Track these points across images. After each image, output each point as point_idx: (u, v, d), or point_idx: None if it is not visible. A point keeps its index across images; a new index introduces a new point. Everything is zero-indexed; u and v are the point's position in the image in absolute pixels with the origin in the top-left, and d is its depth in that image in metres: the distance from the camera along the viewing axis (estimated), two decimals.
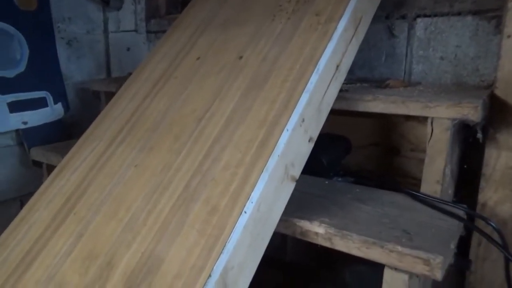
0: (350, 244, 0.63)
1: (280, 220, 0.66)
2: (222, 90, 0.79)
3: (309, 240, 0.67)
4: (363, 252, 0.62)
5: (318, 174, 0.89)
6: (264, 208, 0.62)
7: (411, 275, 0.59)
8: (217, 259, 0.55)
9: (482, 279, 0.86)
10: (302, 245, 1.25)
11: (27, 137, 1.30)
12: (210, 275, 0.53)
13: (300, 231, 0.68)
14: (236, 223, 0.57)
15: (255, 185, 0.60)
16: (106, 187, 0.75)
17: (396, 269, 0.60)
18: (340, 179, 0.91)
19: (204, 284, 0.53)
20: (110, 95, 1.17)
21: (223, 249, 0.55)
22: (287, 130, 0.66)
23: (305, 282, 1.19)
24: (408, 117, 0.91)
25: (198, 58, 0.91)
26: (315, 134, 0.74)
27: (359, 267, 1.17)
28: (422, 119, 0.87)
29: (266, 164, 0.62)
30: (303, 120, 0.69)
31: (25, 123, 1.30)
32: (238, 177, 0.63)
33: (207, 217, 0.60)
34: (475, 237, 0.86)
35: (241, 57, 0.84)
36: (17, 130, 1.29)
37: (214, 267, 0.54)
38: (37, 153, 1.22)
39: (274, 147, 0.64)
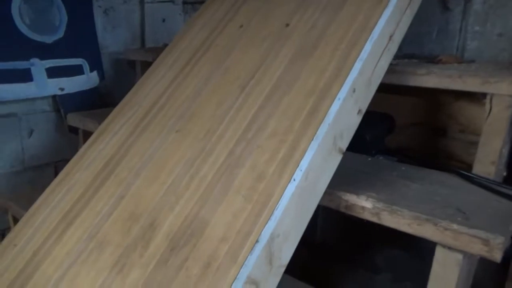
0: (400, 220, 0.60)
1: (325, 192, 0.64)
2: (267, 58, 0.76)
3: (355, 214, 0.65)
4: (413, 229, 0.59)
5: (360, 151, 0.86)
6: (312, 177, 0.59)
7: (466, 255, 0.56)
8: (265, 225, 0.53)
9: None
10: (332, 226, 1.23)
11: (63, 103, 1.31)
12: (257, 241, 0.52)
13: (346, 204, 0.66)
14: (284, 190, 0.55)
15: (305, 153, 0.58)
16: (146, 151, 0.75)
17: (450, 248, 0.57)
18: (382, 157, 0.88)
19: (251, 249, 0.51)
20: (146, 65, 1.16)
21: (271, 215, 0.54)
22: (339, 99, 0.63)
23: (334, 263, 1.17)
24: (459, 96, 0.87)
25: (241, 26, 0.88)
26: (364, 107, 0.70)
27: (392, 251, 1.14)
28: (475, 98, 0.82)
29: (316, 133, 0.60)
30: (354, 91, 0.66)
31: (62, 89, 1.31)
32: (286, 144, 0.61)
33: (253, 184, 0.58)
34: None
35: (287, 25, 0.80)
36: (54, 96, 1.31)
37: (262, 233, 0.53)
38: (73, 119, 1.23)
39: (325, 116, 0.61)
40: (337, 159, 0.65)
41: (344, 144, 0.66)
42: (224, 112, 0.72)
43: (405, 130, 0.95)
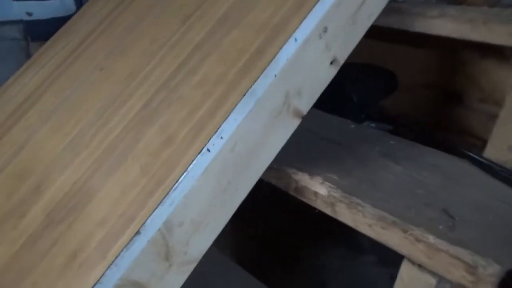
0: (359, 218, 0.43)
1: (270, 167, 0.47)
2: None
3: (305, 200, 0.49)
4: (375, 232, 0.42)
5: (345, 114, 0.67)
6: (243, 149, 0.43)
7: (442, 280, 0.40)
8: (154, 210, 0.38)
9: None
10: None
11: (30, 31, 1.16)
12: (138, 232, 0.37)
13: (295, 186, 0.49)
14: (191, 163, 0.39)
15: (229, 114, 0.41)
16: (64, 92, 0.59)
17: (420, 266, 0.40)
18: (373, 125, 0.69)
19: (128, 242, 0.37)
20: None
21: (164, 197, 0.38)
22: (295, 39, 0.44)
23: (314, 237, 1.03)
24: (485, 54, 0.65)
25: None
26: (343, 56, 0.51)
27: None
28: (505, 57, 0.61)
29: (253, 85, 0.42)
30: (325, 30, 0.47)
31: (29, 14, 1.15)
32: (211, 98, 0.44)
33: (158, 149, 0.42)
34: None
35: None
36: (23, 22, 1.16)
37: (148, 221, 0.37)
38: (36, 49, 1.08)
39: (270, 62, 0.43)
40: (291, 124, 0.47)
41: (305, 104, 0.48)
42: (157, 49, 0.55)
43: (411, 93, 0.74)
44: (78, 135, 0.51)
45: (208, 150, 0.40)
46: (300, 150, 0.54)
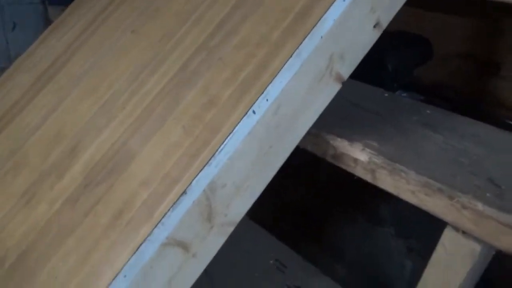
0: (402, 185, 0.43)
1: (308, 133, 0.46)
2: None
3: (344, 167, 0.48)
4: (419, 199, 0.42)
5: (377, 83, 0.66)
6: (286, 112, 0.42)
7: (486, 246, 0.39)
8: (199, 171, 0.37)
9: None
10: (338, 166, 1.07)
11: None
12: (185, 192, 0.37)
13: (334, 153, 0.48)
14: (237, 125, 0.39)
15: (276, 76, 0.40)
16: (94, 55, 0.58)
17: (465, 233, 0.40)
18: (405, 94, 0.67)
19: (176, 202, 0.37)
20: None
21: (210, 159, 0.38)
22: (344, 0, 0.42)
23: (334, 206, 1.03)
24: None
25: None
26: (386, 20, 0.49)
27: (400, 204, 0.98)
28: None
29: (299, 46, 0.41)
30: None
31: None
32: (255, 60, 0.42)
33: (200, 111, 0.42)
34: None
35: None
36: None
37: (194, 182, 0.37)
38: (54, 13, 1.07)
39: (317, 22, 0.41)
40: (332, 89, 0.46)
41: (346, 69, 0.47)
42: (192, 8, 0.53)
43: (446, 62, 0.72)
44: (112, 98, 0.50)
45: (254, 112, 0.39)
46: (336, 117, 0.53)
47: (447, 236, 0.41)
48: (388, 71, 0.65)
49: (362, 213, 1.03)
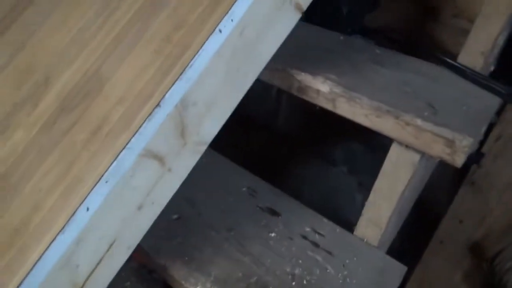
0: (357, 110, 0.50)
1: (276, 70, 0.52)
2: None
3: (308, 99, 0.54)
4: (371, 121, 0.49)
5: (333, 27, 0.72)
6: (251, 34, 0.45)
7: (424, 156, 0.48)
8: (172, 85, 0.41)
9: (487, 176, 0.77)
10: (295, 113, 1.14)
11: None
12: (159, 105, 0.40)
13: (299, 86, 0.54)
14: (204, 42, 0.42)
15: None
16: None
17: (407, 146, 0.48)
18: (359, 37, 0.74)
19: (150, 115, 0.40)
20: None
21: (181, 73, 0.41)
22: None
23: (292, 150, 1.12)
24: None
25: None
26: None
27: (351, 144, 1.09)
28: None
29: None
30: None
31: None
32: None
33: (170, 33, 0.44)
34: (497, 129, 0.74)
35: None
36: None
37: (167, 96, 0.40)
38: None
39: None
40: (292, 17, 0.50)
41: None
42: None
43: (392, 7, 0.79)
44: (82, 29, 0.51)
45: (220, 31, 0.43)
46: (299, 56, 0.58)
47: (393, 151, 0.50)
48: (343, 15, 0.71)
49: (317, 156, 1.12)
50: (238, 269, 0.48)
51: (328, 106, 0.52)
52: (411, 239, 0.95)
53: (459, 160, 0.44)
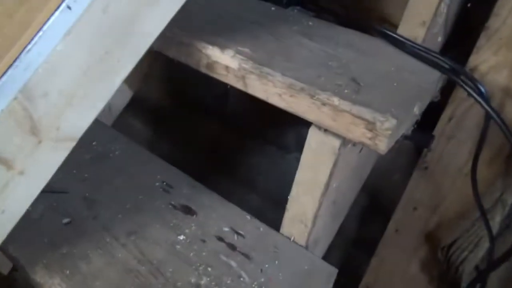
0: (269, 88, 0.42)
1: (181, 44, 0.43)
2: None
3: (217, 77, 0.46)
4: (286, 102, 0.42)
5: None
6: (120, 11, 0.36)
7: (346, 142, 0.41)
8: (3, 74, 0.32)
9: (439, 160, 0.71)
10: (245, 99, 1.06)
11: None
12: None
13: (206, 62, 0.46)
14: (46, 21, 0.33)
15: None
16: None
17: (326, 130, 0.41)
18: (297, 9, 0.66)
19: None
20: None
21: (15, 60, 0.32)
22: None
23: (244, 138, 1.04)
24: None
25: None
26: None
27: (302, 129, 1.01)
28: None
29: None
30: None
31: None
32: None
33: (10, 9, 0.36)
34: (449, 109, 0.67)
35: None
36: None
37: None
38: None
39: None
40: None
41: None
42: None
43: None
44: None
45: (69, 8, 0.34)
46: (216, 29, 0.50)
47: (312, 136, 0.42)
48: None
49: (270, 143, 1.05)
50: (129, 283, 0.40)
51: (238, 84, 0.44)
52: (369, 229, 0.89)
53: (382, 146, 0.37)
